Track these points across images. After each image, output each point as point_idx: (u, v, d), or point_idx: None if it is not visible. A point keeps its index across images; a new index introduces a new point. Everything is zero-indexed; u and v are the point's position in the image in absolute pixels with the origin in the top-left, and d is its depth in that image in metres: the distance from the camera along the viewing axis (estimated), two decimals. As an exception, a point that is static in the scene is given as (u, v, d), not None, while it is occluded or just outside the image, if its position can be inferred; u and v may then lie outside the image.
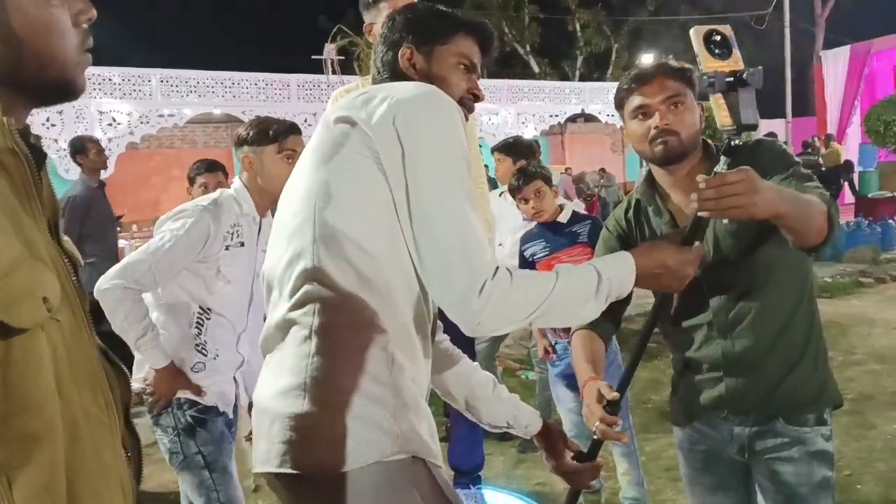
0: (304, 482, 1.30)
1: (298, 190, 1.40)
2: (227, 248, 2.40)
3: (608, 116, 18.37)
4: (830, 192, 1.66)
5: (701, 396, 1.87)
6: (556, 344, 3.44)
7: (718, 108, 1.48)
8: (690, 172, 1.74)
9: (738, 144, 1.50)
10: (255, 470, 1.40)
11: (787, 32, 17.25)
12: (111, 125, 12.55)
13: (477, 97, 1.55)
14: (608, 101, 16.36)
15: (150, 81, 13.12)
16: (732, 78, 1.46)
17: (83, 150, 5.44)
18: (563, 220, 3.31)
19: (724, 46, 1.49)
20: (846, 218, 11.35)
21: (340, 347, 1.30)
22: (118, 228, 6.47)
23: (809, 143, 14.84)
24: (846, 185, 15.07)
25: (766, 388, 1.78)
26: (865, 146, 16.00)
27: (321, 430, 1.28)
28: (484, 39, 1.55)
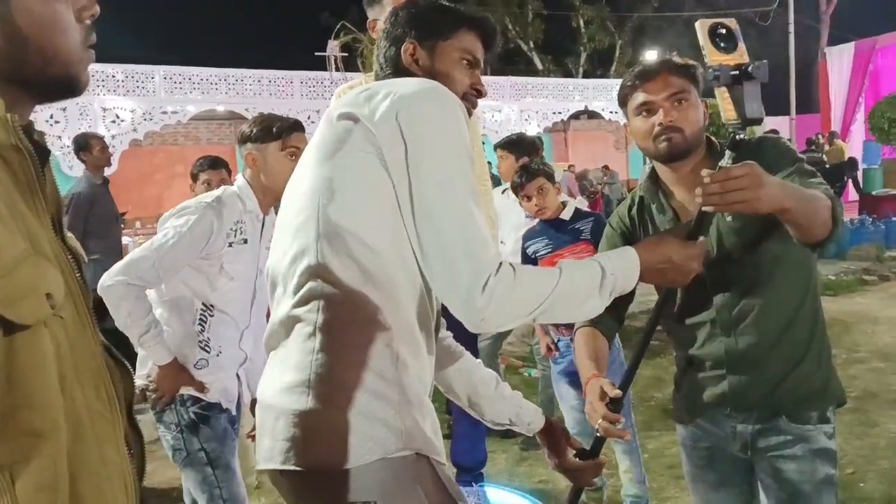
0: (308, 479, 1.30)
1: (302, 187, 1.39)
2: (230, 244, 2.40)
3: (611, 113, 18.38)
4: (834, 189, 1.66)
5: (704, 394, 1.86)
6: (558, 341, 3.44)
7: (723, 101, 1.47)
8: (694, 169, 1.74)
9: (743, 138, 1.49)
10: (258, 467, 1.39)
11: (791, 29, 17.24)
12: (115, 122, 12.58)
13: (480, 93, 1.54)
14: (611, 97, 16.37)
15: (153, 78, 13.15)
16: (738, 71, 1.45)
17: (87, 146, 5.44)
18: (565, 217, 3.31)
19: (729, 40, 1.48)
20: (850, 215, 11.32)
21: (344, 344, 1.30)
22: (122, 225, 6.48)
23: (813, 140, 14.82)
24: (850, 182, 15.04)
25: (769, 385, 1.78)
26: (870, 143, 15.97)
27: (325, 426, 1.27)
28: (487, 34, 1.54)
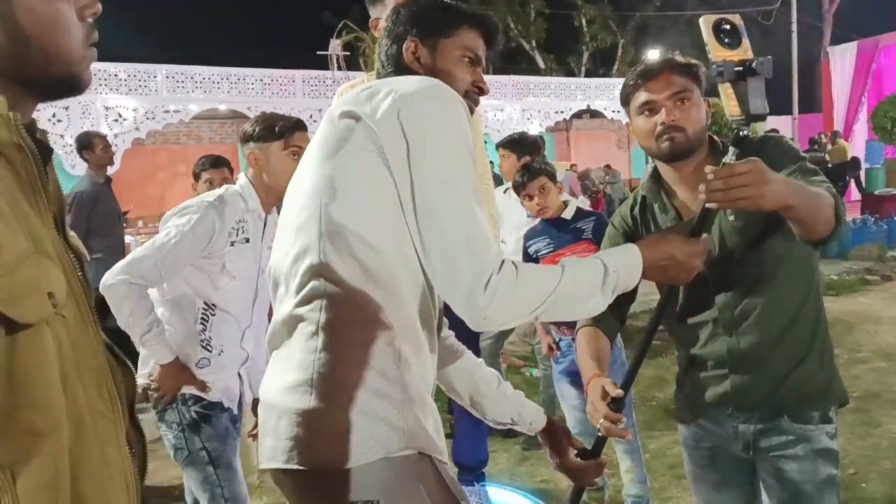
0: (310, 478, 1.30)
1: (304, 186, 1.39)
2: (232, 244, 2.40)
3: (614, 112, 18.36)
4: (836, 189, 1.66)
5: (706, 393, 1.86)
6: (559, 341, 3.43)
7: (727, 97, 1.47)
8: (697, 169, 1.74)
9: (746, 135, 1.49)
10: (261, 466, 1.39)
11: (794, 28, 17.20)
12: (117, 121, 12.59)
13: (482, 90, 1.53)
14: (614, 97, 16.36)
15: (155, 77, 13.16)
16: (742, 67, 1.45)
17: (90, 145, 5.45)
18: (567, 216, 3.30)
19: (733, 36, 1.48)
20: (852, 215, 11.31)
21: (347, 343, 1.30)
22: (124, 224, 6.48)
23: (816, 139, 14.81)
24: (852, 181, 15.02)
25: (771, 384, 1.77)
26: (872, 143, 15.94)
27: (328, 425, 1.27)
28: (488, 32, 1.54)
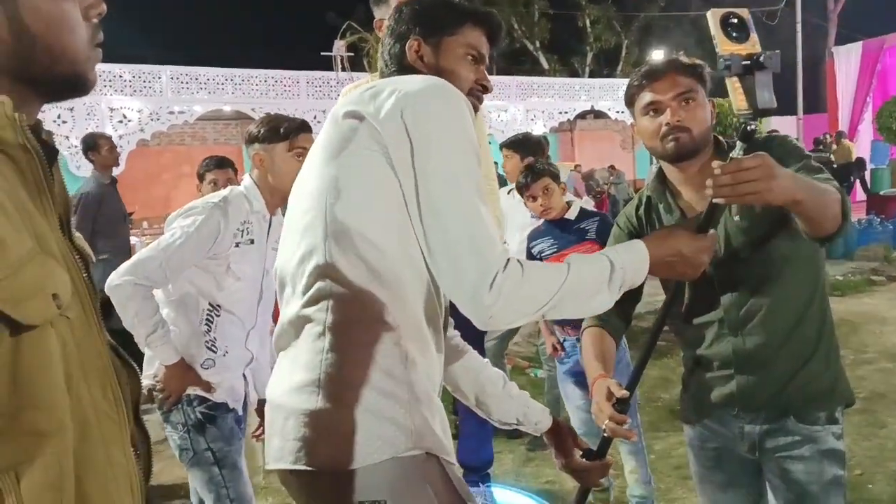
0: (318, 479, 1.30)
1: (308, 186, 1.39)
2: (237, 245, 2.41)
3: (618, 113, 18.31)
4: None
5: (712, 394, 1.86)
6: (564, 341, 3.43)
7: (734, 91, 1.46)
8: (702, 169, 1.74)
9: (754, 129, 1.48)
10: (268, 467, 1.39)
11: (798, 28, 17.15)
12: (122, 122, 12.60)
13: (486, 88, 1.53)
14: (618, 97, 16.35)
15: (160, 78, 13.17)
16: (749, 61, 1.44)
17: (95, 146, 5.46)
18: (570, 217, 3.30)
19: (741, 29, 1.47)
20: (858, 216, 11.27)
21: (354, 343, 1.30)
22: (129, 225, 6.49)
23: (821, 140, 14.75)
24: (857, 182, 14.97)
25: (777, 385, 1.77)
26: (877, 143, 15.90)
27: (336, 426, 1.27)
28: (492, 30, 1.53)
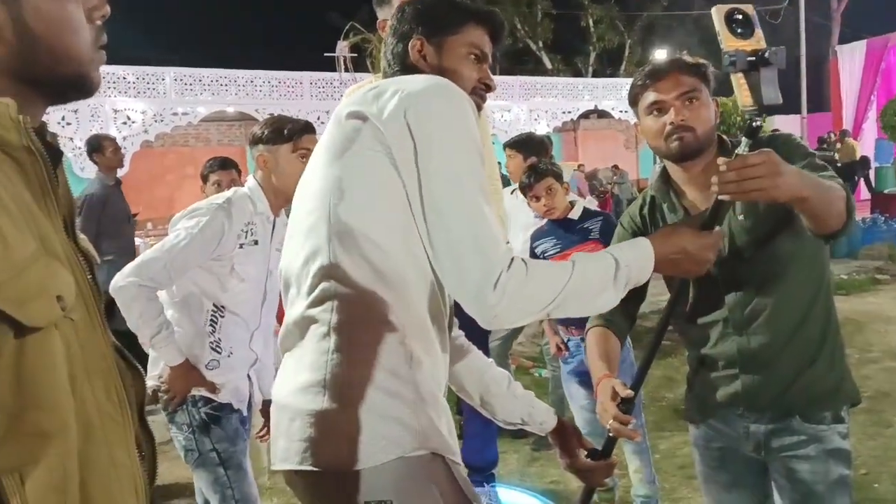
0: (323, 479, 1.30)
1: (312, 187, 1.39)
2: (241, 246, 2.41)
3: (621, 112, 18.33)
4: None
5: (716, 393, 1.85)
6: (568, 341, 3.43)
7: (739, 88, 1.46)
8: (705, 168, 1.73)
9: (759, 125, 1.48)
10: (274, 467, 1.39)
11: (802, 27, 17.13)
12: (126, 123, 12.65)
13: (489, 87, 1.53)
14: (621, 97, 16.34)
15: (164, 80, 13.21)
16: (754, 57, 1.44)
17: (100, 148, 5.47)
18: (574, 216, 3.29)
19: (746, 25, 1.47)
20: (862, 214, 11.24)
21: (359, 343, 1.30)
22: (134, 226, 6.50)
23: (825, 138, 14.75)
24: (862, 181, 14.95)
25: (782, 384, 1.76)
26: (881, 142, 15.87)
27: (341, 426, 1.27)
28: (494, 29, 1.53)
